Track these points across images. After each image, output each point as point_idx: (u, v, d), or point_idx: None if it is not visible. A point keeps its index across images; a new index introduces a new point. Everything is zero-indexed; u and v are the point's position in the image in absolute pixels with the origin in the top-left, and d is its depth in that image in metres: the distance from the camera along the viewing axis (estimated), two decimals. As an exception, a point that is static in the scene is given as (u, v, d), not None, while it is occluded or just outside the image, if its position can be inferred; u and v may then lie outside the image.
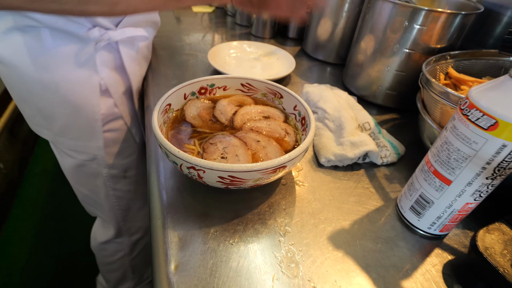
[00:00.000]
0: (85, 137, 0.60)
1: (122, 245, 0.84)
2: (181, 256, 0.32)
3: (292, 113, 0.46)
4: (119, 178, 0.69)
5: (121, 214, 0.77)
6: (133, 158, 0.70)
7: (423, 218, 0.36)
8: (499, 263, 0.30)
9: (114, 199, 0.73)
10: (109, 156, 0.65)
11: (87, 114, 0.56)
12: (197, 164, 0.32)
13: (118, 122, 0.62)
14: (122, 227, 0.80)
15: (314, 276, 0.32)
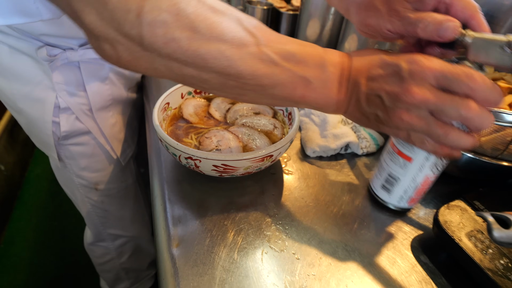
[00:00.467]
0: (45, 146, 0.61)
1: (107, 249, 0.84)
2: (181, 236, 0.37)
3: (280, 109, 0.51)
4: (90, 188, 0.69)
5: (99, 221, 0.76)
6: (105, 173, 0.69)
7: (392, 194, 0.41)
8: (455, 234, 0.35)
9: (89, 206, 0.73)
10: (76, 168, 0.65)
11: (39, 128, 0.57)
12: (194, 154, 0.36)
13: (84, 136, 0.62)
14: (102, 232, 0.79)
15: (298, 250, 0.37)
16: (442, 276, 0.36)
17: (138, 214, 0.84)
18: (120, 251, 0.86)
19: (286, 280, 0.33)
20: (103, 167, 0.67)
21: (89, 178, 0.67)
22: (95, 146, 0.64)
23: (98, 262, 0.89)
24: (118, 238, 0.83)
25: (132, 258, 0.90)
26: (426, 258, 0.38)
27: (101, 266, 0.90)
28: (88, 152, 0.64)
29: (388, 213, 0.42)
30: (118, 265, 0.89)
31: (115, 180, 0.71)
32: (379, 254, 0.37)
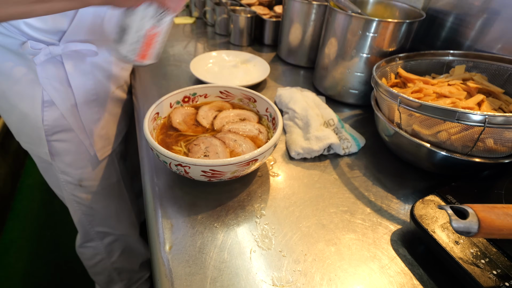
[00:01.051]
0: (34, 142, 0.63)
1: (96, 249, 0.85)
2: (173, 239, 0.39)
3: (265, 115, 0.53)
4: (75, 185, 0.71)
5: (86, 219, 0.78)
6: (89, 170, 0.70)
7: None
8: (430, 227, 0.38)
9: (75, 204, 0.74)
10: (61, 164, 0.67)
11: (31, 122, 0.59)
12: (183, 161, 0.38)
13: (68, 133, 0.63)
14: (89, 231, 0.81)
15: (284, 248, 0.39)
16: (419, 267, 0.38)
17: (123, 213, 0.86)
18: (109, 250, 0.87)
19: (274, 277, 0.36)
20: (86, 164, 0.69)
21: (73, 174, 0.69)
22: (79, 143, 0.65)
23: (89, 264, 0.89)
24: (106, 236, 0.84)
25: (123, 257, 0.91)
26: (405, 250, 0.40)
27: (92, 269, 0.91)
28: (72, 149, 0.65)
29: (370, 210, 0.45)
30: (109, 265, 0.90)
31: (98, 178, 0.73)
32: (361, 248, 0.40)
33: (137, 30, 0.41)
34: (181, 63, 0.85)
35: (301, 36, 0.82)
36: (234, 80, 0.77)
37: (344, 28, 0.62)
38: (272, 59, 0.92)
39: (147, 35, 0.42)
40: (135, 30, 0.41)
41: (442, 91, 0.50)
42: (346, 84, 0.67)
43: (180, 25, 1.13)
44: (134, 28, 0.41)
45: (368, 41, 0.61)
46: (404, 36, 0.61)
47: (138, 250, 0.98)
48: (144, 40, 0.42)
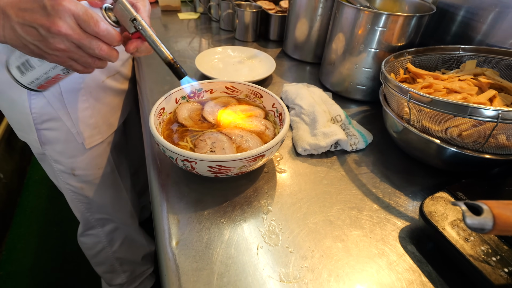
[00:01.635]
0: (25, 130, 0.63)
1: (98, 237, 0.86)
2: (180, 234, 0.39)
3: (271, 110, 0.53)
4: (68, 174, 0.71)
5: (84, 207, 0.78)
6: (80, 159, 0.70)
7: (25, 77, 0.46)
8: (439, 223, 0.38)
9: (71, 193, 0.75)
10: (53, 153, 0.67)
11: (19, 109, 0.60)
12: (190, 156, 0.38)
13: (57, 122, 0.63)
14: (89, 219, 0.81)
15: (291, 244, 0.39)
16: (428, 264, 0.38)
17: (120, 203, 0.86)
18: (110, 238, 0.88)
19: (281, 273, 0.35)
20: (76, 152, 0.69)
21: (65, 163, 0.69)
22: (68, 131, 0.65)
23: (91, 254, 0.90)
24: (106, 223, 0.85)
25: (124, 247, 0.92)
26: (413, 247, 0.40)
27: (94, 259, 0.91)
28: (61, 138, 0.66)
29: (378, 207, 0.45)
30: (111, 254, 0.90)
31: (91, 167, 0.73)
32: (369, 245, 0.39)
33: (44, 73, 0.44)
34: (185, 58, 0.84)
35: (307, 31, 0.81)
36: (239, 75, 0.76)
37: (353, 22, 0.61)
38: (278, 54, 0.91)
39: (51, 78, 0.45)
40: (41, 72, 0.44)
41: (453, 87, 0.49)
42: (353, 79, 0.66)
43: (184, 21, 1.13)
44: (40, 72, 0.44)
45: (376, 35, 0.60)
46: (413, 31, 0.60)
47: (140, 242, 0.98)
48: (47, 80, 0.46)
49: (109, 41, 0.39)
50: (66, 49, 0.38)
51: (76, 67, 0.42)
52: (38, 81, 0.46)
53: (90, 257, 0.92)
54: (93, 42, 0.38)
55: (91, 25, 0.37)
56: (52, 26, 0.35)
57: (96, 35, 0.38)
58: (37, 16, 0.35)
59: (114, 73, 0.71)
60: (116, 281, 0.98)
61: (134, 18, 0.40)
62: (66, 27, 0.36)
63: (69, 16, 0.35)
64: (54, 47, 0.37)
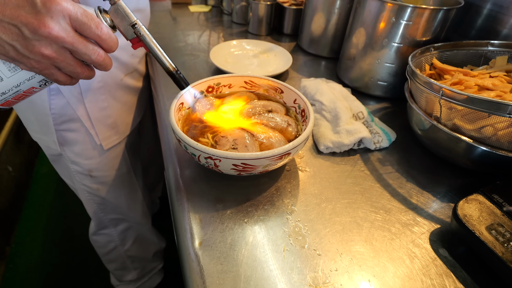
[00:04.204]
0: (43, 131, 0.62)
1: (110, 236, 0.86)
2: (203, 234, 0.37)
3: (293, 106, 0.51)
4: (85, 175, 0.70)
5: (98, 208, 0.78)
6: (98, 160, 0.69)
7: None
8: (475, 227, 0.36)
9: (87, 194, 0.74)
10: (71, 154, 0.66)
11: (38, 109, 0.58)
12: (214, 154, 0.36)
13: (75, 123, 0.62)
14: (103, 219, 0.81)
15: (318, 246, 0.37)
16: (462, 269, 0.36)
17: (135, 203, 0.86)
18: (123, 237, 0.87)
19: (310, 276, 0.34)
20: (95, 154, 0.68)
21: (83, 164, 0.68)
22: (87, 132, 0.64)
23: (103, 252, 0.90)
24: (119, 223, 0.84)
25: (136, 246, 0.91)
26: (445, 251, 0.38)
27: (106, 256, 0.92)
28: (80, 139, 0.64)
29: (405, 208, 0.43)
30: (123, 252, 0.90)
31: (108, 168, 0.72)
32: (399, 248, 0.38)
33: (15, 85, 0.37)
34: (199, 52, 0.82)
35: (324, 25, 0.79)
36: (255, 70, 0.74)
37: (376, 15, 0.59)
38: (292, 49, 0.89)
39: (21, 92, 0.38)
40: (12, 85, 0.37)
41: (485, 84, 0.46)
42: (374, 75, 0.64)
43: (195, 14, 1.11)
44: (10, 83, 0.36)
45: (400, 29, 0.57)
46: (439, 25, 0.57)
47: (151, 240, 0.98)
48: (16, 95, 0.38)
49: (109, 46, 0.35)
50: (52, 55, 0.32)
51: (58, 77, 0.36)
52: (4, 96, 0.37)
53: (102, 255, 0.92)
54: (89, 47, 0.33)
55: (92, 27, 0.32)
56: (41, 26, 0.30)
57: (97, 39, 0.34)
58: (22, 12, 0.29)
59: (132, 71, 0.69)
60: (126, 277, 0.98)
61: (135, 23, 0.36)
62: (58, 29, 0.30)
63: (63, 16, 0.31)
64: (37, 51, 0.31)
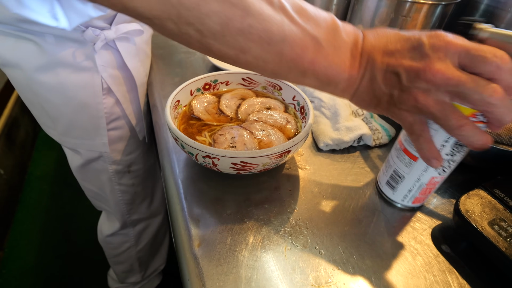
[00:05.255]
0: (90, 135, 0.62)
1: (127, 237, 0.87)
2: (202, 235, 0.36)
3: (291, 103, 0.50)
4: (123, 173, 0.72)
5: (126, 208, 0.80)
6: (137, 154, 0.73)
7: (396, 192, 0.40)
8: (478, 223, 0.35)
9: (119, 194, 0.75)
10: (114, 153, 0.67)
11: (90, 112, 0.59)
12: (212, 152, 0.35)
13: (121, 120, 0.64)
14: (126, 220, 0.83)
15: (320, 245, 0.36)
16: (465, 265, 0.36)
17: (157, 191, 0.89)
18: (138, 237, 0.89)
19: (312, 276, 0.33)
20: (134, 148, 0.71)
21: (124, 161, 0.70)
22: (128, 129, 0.66)
23: (114, 253, 0.90)
24: (139, 222, 0.86)
25: (147, 246, 0.93)
26: (448, 247, 0.38)
27: (115, 258, 0.91)
28: (124, 135, 0.66)
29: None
30: (135, 253, 0.91)
31: (144, 160, 0.75)
32: (401, 245, 0.37)
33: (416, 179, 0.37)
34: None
35: (321, 21, 0.78)
36: (251, 68, 0.73)
37: (374, 11, 0.58)
38: (289, 46, 0.88)
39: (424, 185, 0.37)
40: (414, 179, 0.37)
41: (484, 78, 0.46)
42: (372, 71, 0.64)
43: (190, 12, 1.09)
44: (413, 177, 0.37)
45: (399, 25, 0.57)
46: (438, 20, 0.57)
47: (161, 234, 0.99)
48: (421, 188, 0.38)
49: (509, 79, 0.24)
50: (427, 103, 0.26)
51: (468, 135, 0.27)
52: (411, 193, 0.39)
53: (112, 256, 0.91)
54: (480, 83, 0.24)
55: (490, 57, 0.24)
56: (426, 70, 0.25)
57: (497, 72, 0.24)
58: (405, 59, 0.26)
59: None
60: (130, 279, 0.97)
61: None
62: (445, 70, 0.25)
63: (453, 54, 0.25)
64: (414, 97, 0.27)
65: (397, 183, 0.39)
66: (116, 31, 0.54)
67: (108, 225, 0.85)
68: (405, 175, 0.38)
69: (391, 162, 0.40)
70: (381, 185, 0.42)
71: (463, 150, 0.33)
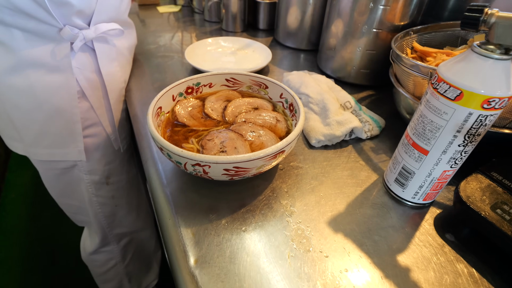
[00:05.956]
0: (63, 143, 0.58)
1: (112, 253, 0.82)
2: (198, 250, 0.34)
3: (279, 101, 0.48)
4: (101, 184, 0.68)
5: (106, 221, 0.75)
6: (116, 164, 0.68)
7: (407, 189, 0.39)
8: (481, 208, 0.35)
9: (98, 206, 0.71)
10: (89, 162, 0.63)
11: (65, 117, 0.54)
12: (202, 160, 0.33)
13: (97, 127, 0.60)
14: (108, 234, 0.78)
15: (324, 247, 0.35)
16: (471, 252, 0.35)
17: (142, 204, 0.85)
18: (124, 252, 0.84)
19: (320, 282, 0.31)
20: (113, 158, 0.67)
21: (101, 171, 0.66)
22: (105, 136, 0.62)
23: (100, 271, 0.85)
24: (123, 237, 0.82)
25: (135, 258, 0.89)
26: (452, 236, 0.37)
27: (103, 276, 0.87)
28: (100, 144, 0.62)
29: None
30: (122, 269, 0.87)
31: (123, 171, 0.71)
32: (405, 238, 0.36)
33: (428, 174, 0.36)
34: (173, 53, 0.78)
35: (300, 17, 0.77)
36: (234, 67, 0.71)
37: (353, 2, 0.57)
38: (270, 44, 0.86)
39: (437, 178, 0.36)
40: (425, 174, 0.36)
41: (469, 62, 0.46)
42: (356, 63, 0.63)
43: (164, 14, 1.06)
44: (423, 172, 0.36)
45: (379, 14, 0.56)
46: (416, 8, 0.57)
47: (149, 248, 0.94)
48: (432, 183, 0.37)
49: None
50: None
51: None
52: (422, 190, 0.37)
53: (98, 275, 0.86)
54: None
55: None
56: None
57: None
58: None
59: None
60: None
61: None
62: None
63: None
64: None
65: (407, 180, 0.38)
66: (95, 30, 0.51)
67: (90, 242, 0.80)
68: (415, 170, 0.36)
69: (399, 158, 0.38)
70: (389, 183, 0.41)
71: (475, 140, 0.32)
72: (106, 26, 0.53)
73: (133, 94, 0.62)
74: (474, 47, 0.29)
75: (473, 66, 0.29)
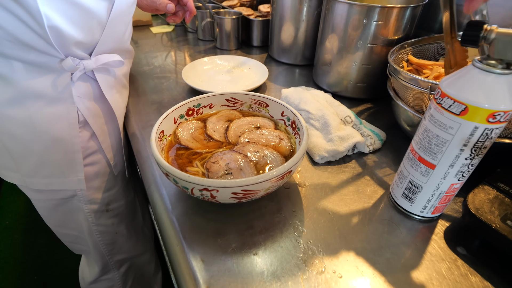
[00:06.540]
0: (63, 173, 0.57)
1: (112, 281, 0.80)
2: (209, 277, 0.33)
3: (281, 119, 0.48)
4: (101, 212, 0.66)
5: (107, 249, 0.73)
6: (116, 190, 0.67)
7: (415, 203, 0.38)
8: (491, 220, 0.35)
9: (98, 234, 0.69)
10: (90, 191, 0.62)
11: (64, 147, 0.54)
12: (210, 185, 0.32)
13: (97, 155, 0.60)
14: (108, 262, 0.76)
15: (337, 268, 0.34)
16: (484, 265, 0.35)
17: (140, 228, 0.83)
18: (125, 278, 0.82)
19: (336, 305, 0.30)
20: (113, 184, 0.66)
21: (101, 199, 0.64)
22: (105, 163, 0.62)
23: None
24: (123, 263, 0.80)
25: (135, 284, 0.86)
26: (463, 249, 0.36)
27: None
28: (101, 171, 0.62)
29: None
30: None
31: (122, 197, 0.70)
32: (417, 254, 0.36)
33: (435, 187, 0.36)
34: (169, 74, 0.78)
35: (294, 33, 0.78)
36: (231, 86, 0.71)
37: (347, 18, 0.59)
38: (265, 60, 0.88)
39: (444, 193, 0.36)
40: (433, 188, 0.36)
41: (465, 73, 0.47)
42: (352, 78, 0.64)
43: (158, 35, 1.07)
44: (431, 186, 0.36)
45: (373, 30, 0.57)
46: (408, 22, 0.58)
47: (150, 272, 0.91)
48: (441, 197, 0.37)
49: None
50: None
51: None
52: (430, 203, 0.37)
53: None
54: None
55: None
56: None
57: None
58: None
59: None
60: None
61: None
62: None
63: None
64: None
65: (415, 194, 0.38)
66: (96, 61, 0.51)
67: (90, 271, 0.78)
68: (423, 184, 0.36)
69: (405, 173, 0.38)
70: (396, 198, 0.41)
71: (481, 153, 0.33)
72: (107, 57, 0.53)
73: (131, 117, 0.61)
74: (475, 62, 0.30)
75: (475, 81, 0.29)
